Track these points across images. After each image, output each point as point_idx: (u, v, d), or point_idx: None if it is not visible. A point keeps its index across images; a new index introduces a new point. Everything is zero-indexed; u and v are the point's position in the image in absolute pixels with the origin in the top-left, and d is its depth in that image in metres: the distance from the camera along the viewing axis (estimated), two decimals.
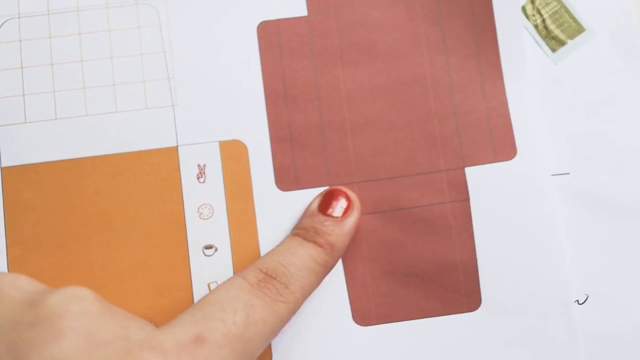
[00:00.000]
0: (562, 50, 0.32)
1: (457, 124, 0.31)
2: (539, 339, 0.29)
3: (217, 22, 0.31)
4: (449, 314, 0.30)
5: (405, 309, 0.30)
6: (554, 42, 0.32)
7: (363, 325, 0.30)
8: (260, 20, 0.31)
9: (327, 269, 0.28)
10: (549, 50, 0.32)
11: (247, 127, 0.30)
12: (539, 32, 0.32)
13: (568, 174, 0.31)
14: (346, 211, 0.29)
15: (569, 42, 0.32)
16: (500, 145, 0.31)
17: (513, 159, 0.31)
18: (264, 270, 0.26)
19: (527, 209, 0.30)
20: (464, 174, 0.31)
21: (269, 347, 0.29)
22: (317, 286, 0.28)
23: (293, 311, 0.26)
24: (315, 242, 0.28)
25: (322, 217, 0.29)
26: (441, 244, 0.30)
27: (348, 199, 0.29)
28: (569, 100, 0.32)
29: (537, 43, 0.32)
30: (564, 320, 0.29)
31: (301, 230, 0.28)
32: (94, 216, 0.29)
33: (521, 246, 0.30)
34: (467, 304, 0.30)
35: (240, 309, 0.25)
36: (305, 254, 0.27)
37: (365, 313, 0.30)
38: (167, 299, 0.29)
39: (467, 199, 0.30)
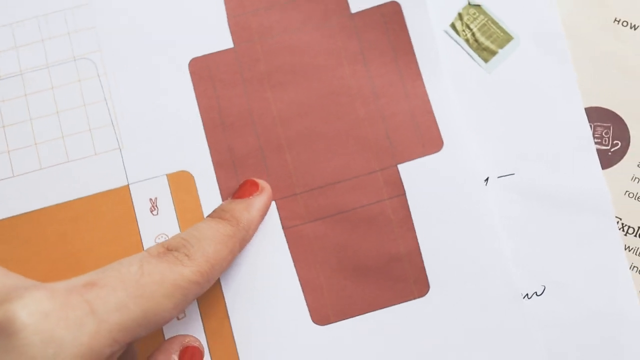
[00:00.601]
0: (494, 59, 0.34)
1: (386, 126, 0.33)
2: (489, 317, 0.31)
3: (150, 66, 0.33)
4: (401, 302, 0.32)
5: (360, 304, 0.32)
6: (485, 53, 0.34)
7: (322, 325, 0.32)
8: (191, 58, 0.34)
9: (236, 239, 0.29)
10: (482, 61, 0.34)
11: (191, 157, 0.33)
12: (470, 46, 0.34)
13: (513, 174, 0.33)
14: (255, 194, 0.31)
15: (500, 51, 0.34)
16: (427, 139, 0.33)
17: (441, 151, 0.33)
18: (166, 246, 0.28)
19: (459, 195, 0.32)
20: (397, 171, 0.33)
21: (236, 354, 0.31)
22: (228, 254, 0.29)
23: (200, 274, 0.27)
24: (220, 217, 0.30)
25: (230, 199, 0.31)
26: (385, 239, 0.32)
27: (256, 184, 0.32)
28: (506, 105, 0.33)
29: (470, 56, 0.34)
30: (505, 288, 0.32)
31: (211, 212, 0.31)
32: (60, 261, 0.32)
33: (459, 231, 0.32)
34: (417, 290, 0.32)
35: (135, 263, 0.26)
36: (207, 227, 0.29)
37: (323, 313, 0.32)
38: None
39: (404, 194, 0.33)
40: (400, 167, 0.33)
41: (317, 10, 0.34)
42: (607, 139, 0.33)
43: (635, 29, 0.34)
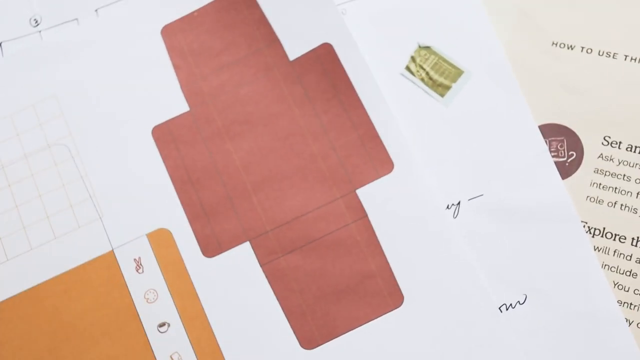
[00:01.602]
0: (449, 94, 0.37)
1: (339, 156, 0.36)
2: (464, 320, 0.33)
3: (117, 140, 0.37)
4: (380, 315, 0.34)
5: (343, 323, 0.34)
6: (440, 88, 0.37)
7: (311, 349, 0.34)
8: (153, 126, 0.37)
9: None
10: (438, 97, 0.37)
11: (166, 215, 0.35)
12: (426, 84, 0.37)
13: (482, 195, 0.35)
14: None
15: (453, 85, 0.37)
16: (378, 162, 0.36)
17: (393, 171, 0.36)
18: None
19: (418, 210, 0.35)
20: (356, 196, 0.35)
21: None
22: None
23: None
24: None
25: None
26: (355, 259, 0.35)
27: None
28: (467, 134, 0.36)
29: (427, 93, 0.37)
30: (477, 294, 0.34)
31: None
32: (59, 330, 0.34)
33: (421, 241, 0.34)
34: (392, 302, 0.34)
35: None
36: None
37: (310, 337, 0.34)
38: None
39: (366, 215, 0.35)
40: (359, 191, 0.35)
41: (259, 64, 0.37)
42: (562, 151, 0.36)
43: (572, 49, 0.37)
